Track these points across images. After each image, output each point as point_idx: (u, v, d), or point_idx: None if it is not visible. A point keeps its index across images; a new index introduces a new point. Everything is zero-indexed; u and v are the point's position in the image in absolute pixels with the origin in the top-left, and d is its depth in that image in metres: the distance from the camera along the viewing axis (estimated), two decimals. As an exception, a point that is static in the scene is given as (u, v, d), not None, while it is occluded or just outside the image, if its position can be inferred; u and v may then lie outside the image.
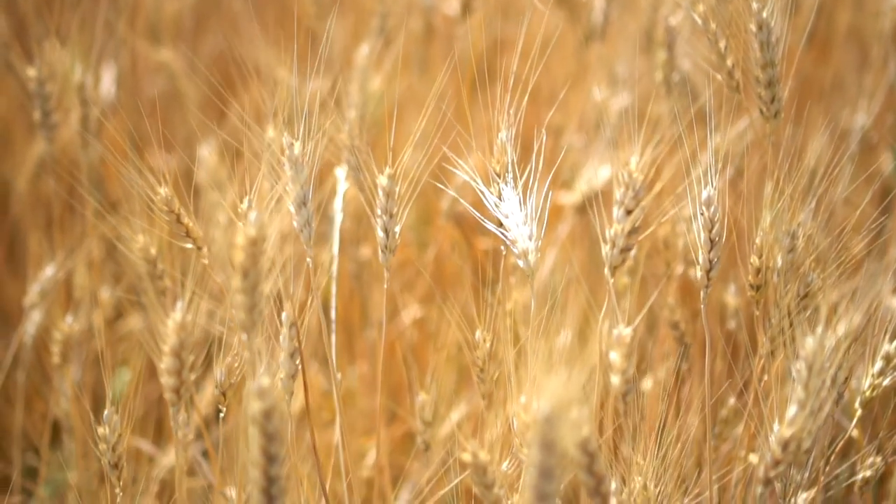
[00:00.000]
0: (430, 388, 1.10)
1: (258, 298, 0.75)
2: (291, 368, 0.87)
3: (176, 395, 0.80)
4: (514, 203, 0.91)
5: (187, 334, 0.78)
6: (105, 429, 0.86)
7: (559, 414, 0.64)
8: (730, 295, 1.29)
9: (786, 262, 1.04)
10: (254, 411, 0.71)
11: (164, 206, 0.91)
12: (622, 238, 0.89)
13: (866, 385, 1.07)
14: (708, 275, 0.92)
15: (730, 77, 1.10)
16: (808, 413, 0.81)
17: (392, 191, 0.93)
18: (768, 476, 0.80)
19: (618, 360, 0.84)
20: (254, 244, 0.74)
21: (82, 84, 1.21)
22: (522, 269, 0.90)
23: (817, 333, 0.82)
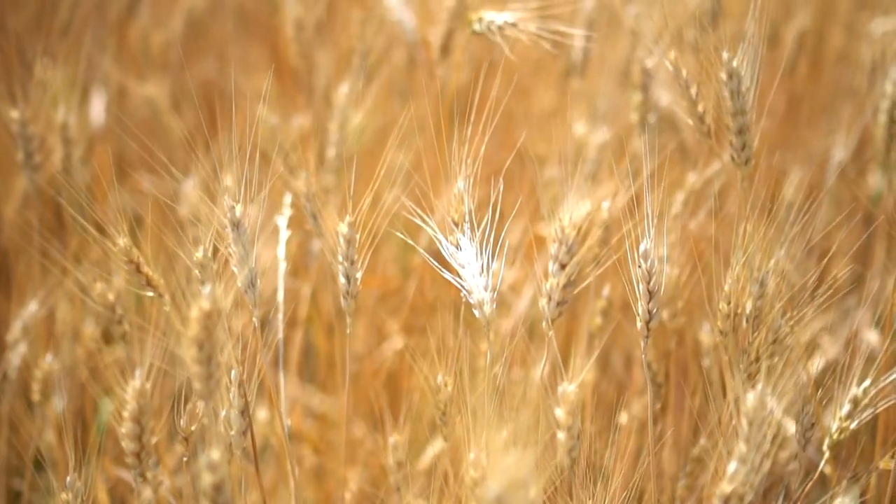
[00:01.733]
0: (403, 428, 1.12)
1: (214, 369, 0.77)
2: (242, 425, 0.88)
3: (136, 458, 0.82)
4: (470, 253, 0.93)
5: (146, 401, 0.80)
6: (67, 495, 0.88)
7: (509, 494, 0.65)
8: (704, 333, 1.30)
9: (754, 309, 1.05)
10: (205, 485, 0.73)
11: (123, 256, 0.92)
12: (558, 292, 0.90)
13: (834, 428, 1.08)
14: (647, 325, 0.93)
15: (701, 122, 1.11)
16: (749, 468, 0.82)
17: (352, 238, 0.94)
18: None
19: (563, 416, 0.86)
20: (208, 317, 0.75)
21: (65, 124, 1.23)
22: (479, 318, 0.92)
23: (758, 390, 0.83)
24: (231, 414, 0.88)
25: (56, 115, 1.24)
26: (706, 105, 1.10)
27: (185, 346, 0.76)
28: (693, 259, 1.24)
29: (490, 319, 0.92)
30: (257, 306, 0.90)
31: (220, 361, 0.76)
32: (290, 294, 1.49)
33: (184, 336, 0.76)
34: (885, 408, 1.18)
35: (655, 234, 0.95)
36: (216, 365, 0.76)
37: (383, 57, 1.45)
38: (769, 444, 0.85)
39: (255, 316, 0.91)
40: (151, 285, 0.95)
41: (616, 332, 1.49)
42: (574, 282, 0.92)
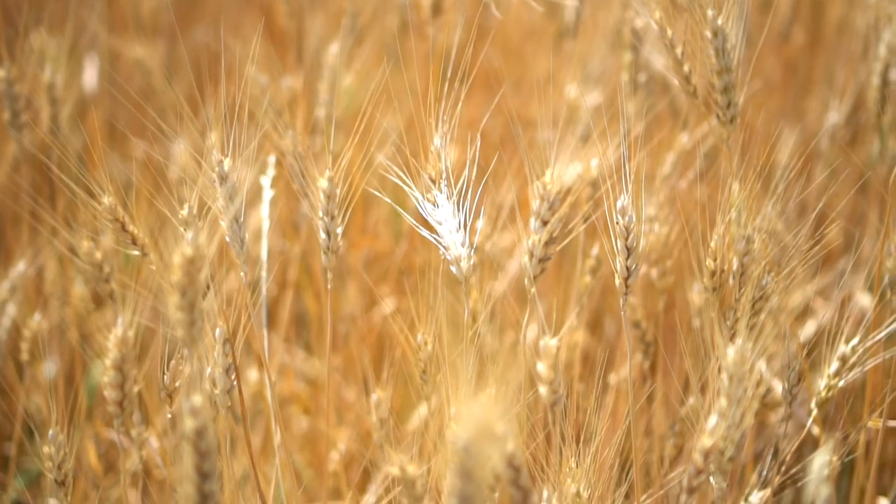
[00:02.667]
0: (386, 385, 1.12)
1: (197, 316, 0.77)
2: (227, 384, 0.88)
3: (119, 407, 0.82)
4: (447, 210, 0.93)
5: (128, 349, 0.80)
6: (50, 448, 0.88)
7: (477, 443, 0.65)
8: (695, 293, 1.30)
9: (741, 266, 1.05)
10: (187, 429, 0.73)
11: (109, 214, 0.92)
12: (540, 248, 0.90)
13: (822, 386, 1.08)
14: (626, 282, 0.93)
15: (686, 82, 1.11)
16: (730, 423, 0.82)
17: (332, 193, 0.94)
18: (692, 485, 0.81)
19: (545, 370, 0.85)
20: (190, 263, 0.75)
21: (52, 84, 1.23)
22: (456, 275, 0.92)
23: (738, 344, 0.83)
24: (216, 372, 0.88)
25: (43, 76, 1.24)
26: (692, 64, 1.10)
27: (168, 293, 0.76)
28: (682, 219, 1.24)
29: (467, 276, 0.92)
30: (244, 261, 0.90)
31: (203, 308, 0.76)
32: (281, 257, 1.49)
33: (166, 283, 0.75)
34: (874, 367, 1.18)
35: (643, 193, 0.95)
36: (199, 312, 0.76)
37: (374, 18, 1.45)
38: (751, 400, 0.85)
39: (241, 270, 0.91)
40: (137, 244, 0.95)
41: (610, 298, 1.49)
42: (556, 239, 0.91)
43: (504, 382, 0.77)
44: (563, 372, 0.90)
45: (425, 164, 0.97)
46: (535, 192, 0.92)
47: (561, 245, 0.93)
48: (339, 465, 1.33)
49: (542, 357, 0.86)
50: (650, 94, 1.36)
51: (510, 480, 0.81)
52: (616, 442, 0.93)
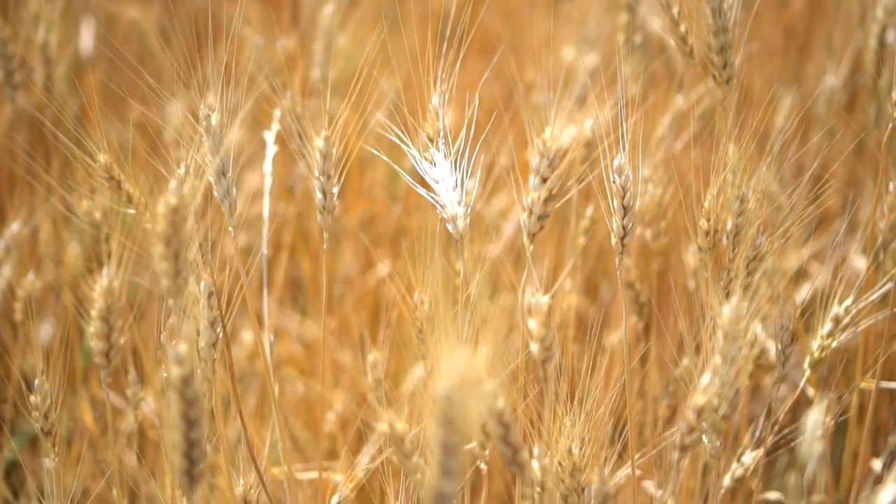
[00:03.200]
0: (382, 346, 1.12)
1: (181, 266, 0.77)
2: (212, 337, 0.88)
3: (105, 358, 0.82)
4: (444, 169, 0.92)
5: (114, 299, 0.80)
6: (37, 397, 0.88)
7: (459, 392, 0.65)
8: (689, 255, 1.30)
9: (735, 226, 1.05)
10: (173, 377, 0.73)
11: (104, 172, 0.92)
12: (539, 206, 0.90)
13: (815, 347, 1.08)
14: (622, 241, 0.93)
15: (683, 43, 1.10)
16: (723, 381, 0.81)
17: (328, 152, 0.94)
18: (684, 443, 0.81)
19: (536, 328, 0.85)
20: (175, 212, 0.75)
21: (46, 43, 1.22)
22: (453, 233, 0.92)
23: (733, 302, 0.83)
24: (201, 325, 0.88)
25: (37, 37, 1.23)
26: (689, 25, 1.09)
27: (153, 243, 0.76)
28: (676, 180, 1.24)
29: (463, 234, 0.92)
30: (233, 216, 0.90)
31: (188, 259, 0.76)
32: (277, 219, 1.49)
33: (151, 233, 0.75)
34: (868, 329, 1.18)
35: (638, 153, 0.95)
36: (184, 262, 0.76)
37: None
38: (745, 359, 0.85)
39: (230, 225, 0.91)
40: (133, 203, 0.94)
41: (605, 260, 1.49)
42: (555, 196, 0.91)
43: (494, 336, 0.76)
44: (557, 333, 0.90)
45: (423, 124, 0.97)
46: (534, 149, 0.92)
47: (560, 203, 0.93)
48: (335, 425, 1.34)
49: (533, 314, 0.86)
50: (647, 56, 1.35)
51: (500, 437, 0.81)
52: (610, 401, 0.93)
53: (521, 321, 0.88)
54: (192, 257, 0.77)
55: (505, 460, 0.81)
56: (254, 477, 0.98)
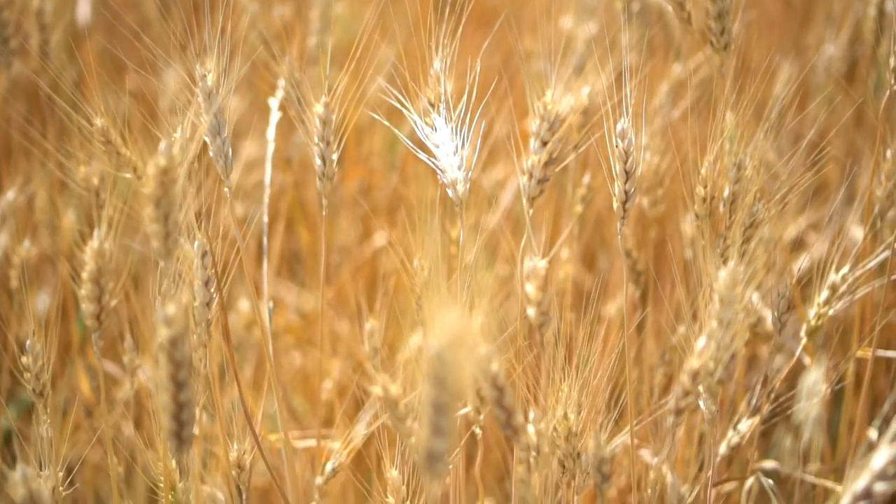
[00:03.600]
0: (380, 314, 1.12)
1: (171, 227, 0.76)
2: (206, 296, 0.88)
3: (97, 321, 0.82)
4: (445, 133, 0.92)
5: (105, 261, 0.80)
6: (28, 358, 0.88)
7: (450, 351, 0.65)
8: (687, 224, 1.30)
9: (731, 193, 1.04)
10: (161, 338, 0.72)
11: (101, 136, 0.92)
12: (539, 169, 0.89)
13: (812, 315, 1.08)
14: (624, 206, 0.92)
15: (680, 8, 1.10)
16: (718, 345, 0.81)
17: (328, 119, 0.94)
18: (679, 406, 0.81)
19: (533, 291, 0.85)
20: (164, 173, 0.75)
21: (41, 10, 1.22)
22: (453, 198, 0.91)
23: (729, 266, 0.82)
24: (195, 285, 0.88)
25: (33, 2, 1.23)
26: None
27: (143, 205, 0.76)
28: (674, 148, 1.23)
29: (463, 198, 0.92)
30: (228, 176, 0.90)
31: (178, 220, 0.76)
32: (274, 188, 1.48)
33: (141, 194, 0.75)
34: (864, 299, 1.18)
35: (636, 120, 0.94)
36: (174, 223, 0.76)
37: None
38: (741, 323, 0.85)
39: (226, 186, 0.91)
40: (129, 167, 0.94)
41: (603, 229, 1.49)
42: (556, 160, 0.91)
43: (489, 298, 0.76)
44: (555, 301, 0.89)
45: (424, 88, 0.97)
46: (535, 113, 0.91)
47: (560, 167, 0.92)
48: (332, 393, 1.34)
49: (531, 278, 0.86)
50: (645, 24, 1.35)
51: (494, 400, 0.80)
52: (607, 366, 0.93)
53: (519, 286, 0.88)
54: (182, 219, 0.77)
55: (499, 424, 0.81)
56: (249, 442, 0.98)
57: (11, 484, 0.78)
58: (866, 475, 0.73)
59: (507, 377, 0.82)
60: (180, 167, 0.75)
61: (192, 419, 0.74)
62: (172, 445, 0.75)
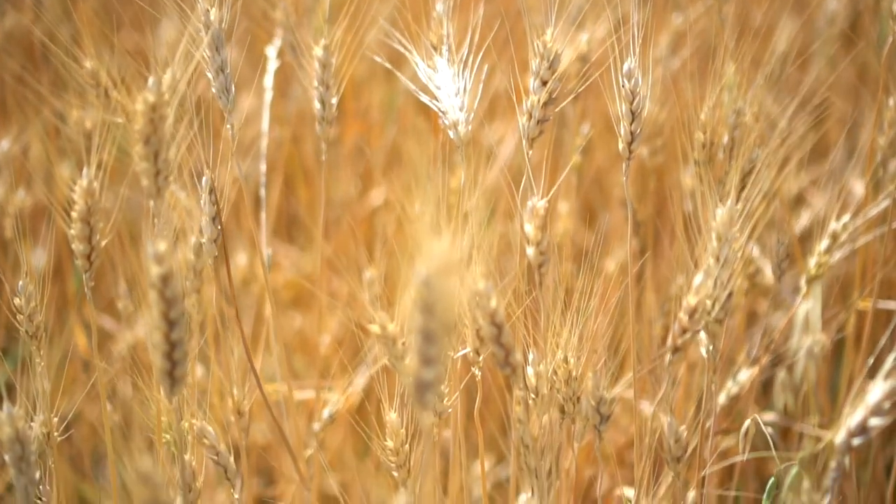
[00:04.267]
0: (379, 263, 1.11)
1: (161, 166, 0.75)
2: (213, 232, 0.88)
3: (87, 261, 0.81)
4: (447, 75, 0.91)
5: (95, 200, 0.79)
6: (21, 299, 0.87)
7: (437, 277, 0.64)
8: (687, 176, 1.29)
9: (731, 139, 1.03)
10: (152, 276, 0.72)
11: (91, 79, 0.91)
12: (538, 109, 0.88)
13: (812, 263, 1.07)
14: (629, 147, 0.91)
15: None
16: (716, 282, 0.80)
17: (328, 62, 0.94)
18: (676, 344, 0.80)
19: (532, 231, 0.84)
20: (153, 110, 0.74)
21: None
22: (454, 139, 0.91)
23: (727, 204, 0.81)
24: (202, 221, 0.87)
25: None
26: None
27: (132, 142, 0.75)
28: (674, 98, 1.22)
29: (464, 139, 0.91)
30: (230, 112, 0.89)
31: (169, 159, 0.75)
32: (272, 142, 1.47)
33: (130, 131, 0.74)
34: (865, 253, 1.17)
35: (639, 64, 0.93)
36: (164, 162, 0.75)
37: None
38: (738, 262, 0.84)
39: (228, 123, 0.90)
40: (122, 110, 0.93)
41: (604, 184, 1.48)
42: (556, 99, 0.90)
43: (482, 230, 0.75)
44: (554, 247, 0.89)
45: (426, 31, 0.96)
46: (535, 52, 0.90)
47: (559, 106, 0.91)
48: (330, 349, 1.33)
49: (530, 218, 0.85)
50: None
51: (492, 337, 0.80)
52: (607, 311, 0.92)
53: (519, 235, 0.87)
54: (174, 158, 0.76)
55: (497, 362, 0.80)
56: (248, 388, 0.97)
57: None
58: (861, 410, 0.73)
59: (506, 318, 0.81)
60: (170, 105, 0.74)
61: (184, 358, 0.74)
62: (165, 385, 0.74)
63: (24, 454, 0.77)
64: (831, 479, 0.75)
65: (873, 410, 0.73)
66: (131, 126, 0.89)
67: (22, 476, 0.77)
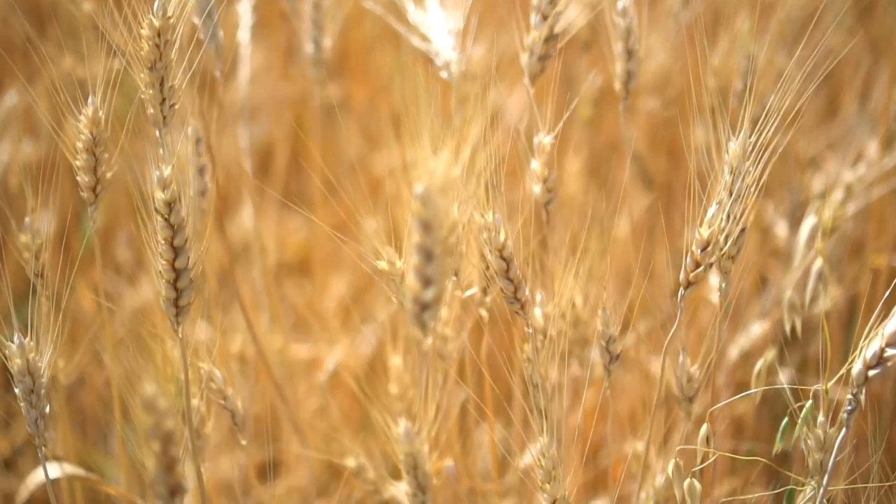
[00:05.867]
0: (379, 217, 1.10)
1: (167, 93, 0.74)
2: (200, 185, 0.87)
3: (92, 193, 0.80)
4: (438, 16, 0.90)
5: (100, 130, 0.78)
6: (27, 236, 0.86)
7: (434, 193, 0.63)
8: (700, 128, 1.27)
9: (744, 86, 1.03)
10: (157, 202, 0.70)
11: (87, 20, 0.90)
12: (540, 45, 0.87)
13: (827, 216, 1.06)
14: (626, 87, 0.90)
15: None
16: (729, 216, 0.79)
17: (319, 2, 0.93)
18: (689, 279, 0.79)
19: (538, 168, 0.83)
20: (158, 35, 0.73)
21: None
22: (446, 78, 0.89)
23: (740, 137, 0.80)
24: (189, 173, 0.86)
25: None
26: None
27: (137, 70, 0.73)
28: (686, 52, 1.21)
29: (456, 76, 0.90)
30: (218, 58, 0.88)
31: (175, 86, 0.74)
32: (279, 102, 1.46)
33: (135, 58, 0.73)
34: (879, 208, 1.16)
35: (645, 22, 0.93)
36: (169, 90, 0.74)
37: None
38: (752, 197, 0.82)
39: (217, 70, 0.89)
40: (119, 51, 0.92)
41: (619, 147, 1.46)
42: (557, 36, 0.89)
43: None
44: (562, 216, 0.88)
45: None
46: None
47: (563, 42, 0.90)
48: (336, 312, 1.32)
49: (536, 154, 0.84)
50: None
51: (501, 272, 0.79)
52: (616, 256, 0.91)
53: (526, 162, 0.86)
54: (179, 85, 0.75)
55: (505, 298, 0.79)
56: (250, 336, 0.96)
57: (8, 354, 0.76)
58: (877, 340, 0.71)
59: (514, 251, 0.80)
60: (175, 30, 0.73)
61: (189, 287, 0.73)
62: (170, 313, 0.73)
63: (34, 387, 0.76)
64: (847, 411, 0.73)
65: (889, 341, 0.71)
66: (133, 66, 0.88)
67: (32, 409, 0.76)
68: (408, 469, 0.71)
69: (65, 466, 0.91)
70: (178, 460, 0.61)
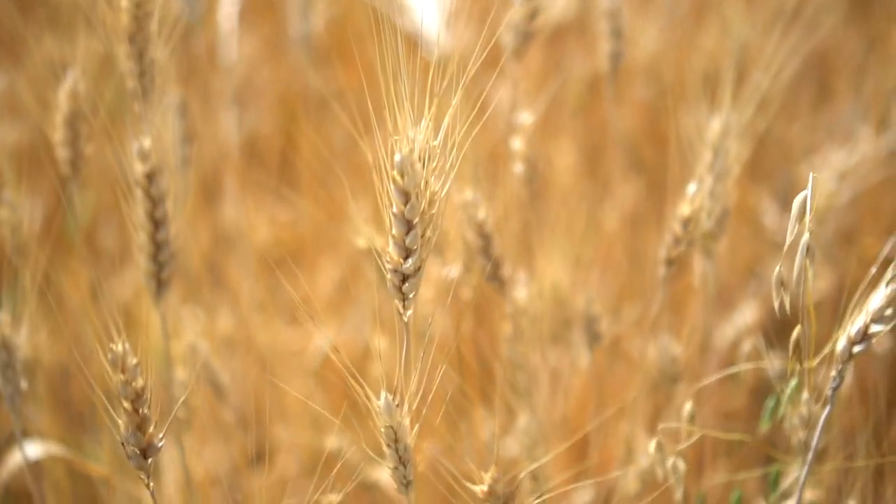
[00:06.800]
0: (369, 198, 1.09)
1: (147, 66, 0.74)
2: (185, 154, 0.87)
3: (72, 167, 0.79)
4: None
5: (79, 104, 0.77)
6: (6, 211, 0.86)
7: (412, 161, 0.62)
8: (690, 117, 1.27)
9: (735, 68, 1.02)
10: (137, 174, 0.70)
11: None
12: (524, 23, 0.87)
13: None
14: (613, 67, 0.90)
15: None
16: (709, 193, 0.78)
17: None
18: (670, 256, 0.78)
19: (519, 146, 0.83)
20: (138, 6, 0.72)
21: None
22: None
23: (721, 114, 0.80)
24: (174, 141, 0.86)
25: None
26: None
27: (117, 43, 0.73)
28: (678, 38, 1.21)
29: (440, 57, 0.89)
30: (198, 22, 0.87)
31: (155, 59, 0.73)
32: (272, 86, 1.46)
33: (114, 31, 0.72)
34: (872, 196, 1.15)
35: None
36: (150, 62, 0.73)
37: None
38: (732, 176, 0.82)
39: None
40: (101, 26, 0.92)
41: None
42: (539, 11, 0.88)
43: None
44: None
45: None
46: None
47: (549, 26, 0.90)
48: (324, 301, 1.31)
49: (517, 133, 0.83)
50: None
51: (480, 249, 0.78)
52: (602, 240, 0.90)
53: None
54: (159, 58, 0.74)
55: (486, 276, 0.78)
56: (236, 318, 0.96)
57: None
58: (862, 316, 0.71)
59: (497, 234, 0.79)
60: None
61: (170, 260, 0.72)
62: (151, 288, 0.73)
63: (10, 361, 0.75)
64: (831, 388, 0.73)
65: (874, 317, 0.71)
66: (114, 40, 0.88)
67: (8, 384, 0.75)
68: (388, 442, 0.71)
69: (44, 446, 0.91)
70: (149, 419, 0.60)
